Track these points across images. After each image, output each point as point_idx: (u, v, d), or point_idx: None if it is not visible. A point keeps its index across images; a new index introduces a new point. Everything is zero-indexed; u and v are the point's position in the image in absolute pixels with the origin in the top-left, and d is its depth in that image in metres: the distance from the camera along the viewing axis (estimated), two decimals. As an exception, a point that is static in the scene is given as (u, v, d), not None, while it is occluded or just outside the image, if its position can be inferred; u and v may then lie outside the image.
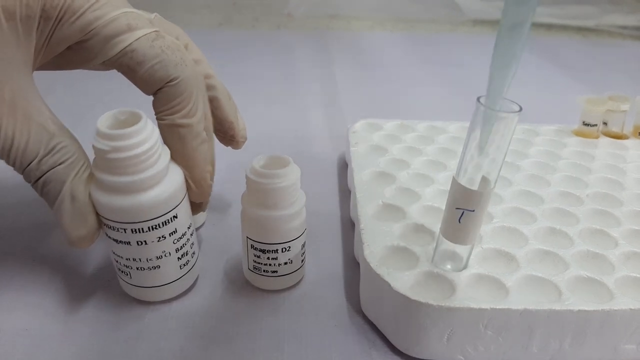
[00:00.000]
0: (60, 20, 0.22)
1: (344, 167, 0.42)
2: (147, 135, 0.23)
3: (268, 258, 0.27)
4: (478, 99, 0.21)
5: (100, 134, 0.22)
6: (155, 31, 0.24)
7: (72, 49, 0.24)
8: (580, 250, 0.27)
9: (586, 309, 0.23)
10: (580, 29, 0.95)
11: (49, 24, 0.22)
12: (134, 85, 0.25)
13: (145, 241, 0.24)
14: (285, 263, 0.27)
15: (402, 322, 0.24)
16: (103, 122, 0.23)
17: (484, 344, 0.24)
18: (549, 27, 0.95)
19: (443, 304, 0.23)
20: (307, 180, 0.38)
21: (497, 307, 0.23)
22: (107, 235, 0.25)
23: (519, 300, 0.23)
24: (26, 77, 0.23)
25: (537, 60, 0.77)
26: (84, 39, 0.23)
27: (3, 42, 0.22)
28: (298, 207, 0.27)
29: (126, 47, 0.23)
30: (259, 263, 0.27)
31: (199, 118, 0.25)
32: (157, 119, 0.25)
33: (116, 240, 0.24)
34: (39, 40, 0.23)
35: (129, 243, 0.24)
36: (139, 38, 0.23)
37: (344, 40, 0.83)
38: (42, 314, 0.26)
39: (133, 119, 0.23)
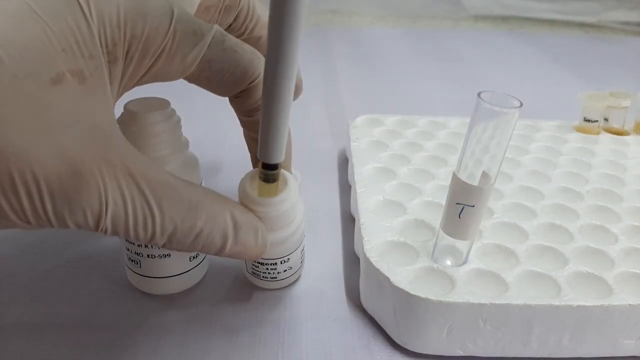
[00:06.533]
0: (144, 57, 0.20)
1: (344, 162, 0.42)
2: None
3: (267, 269, 0.27)
4: (479, 94, 0.21)
5: None
6: (216, 29, 0.22)
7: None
8: (580, 245, 0.27)
9: (585, 304, 0.23)
10: (582, 25, 0.95)
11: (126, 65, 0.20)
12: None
13: None
14: (285, 270, 0.27)
15: (402, 316, 0.24)
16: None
17: (483, 338, 0.24)
18: (551, 22, 0.95)
19: (443, 299, 0.23)
20: (308, 175, 0.38)
21: (497, 302, 0.23)
22: None
23: (519, 295, 0.23)
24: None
25: (539, 56, 0.77)
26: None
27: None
28: (296, 224, 0.25)
29: (201, 59, 0.21)
30: (257, 271, 0.27)
31: None
32: (243, 116, 0.25)
33: None
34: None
35: None
36: (209, 45, 0.21)
37: (345, 36, 0.83)
38: (43, 308, 0.27)
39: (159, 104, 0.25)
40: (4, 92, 0.16)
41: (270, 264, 0.26)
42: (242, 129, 0.27)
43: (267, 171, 0.22)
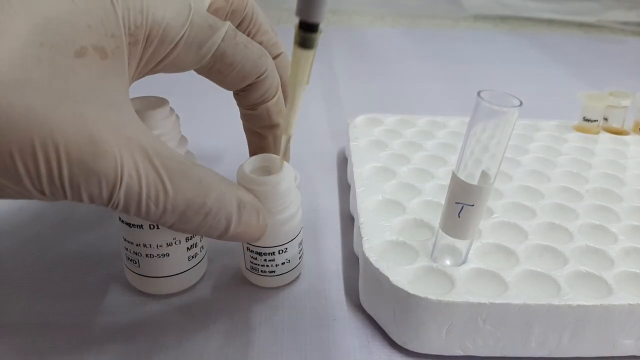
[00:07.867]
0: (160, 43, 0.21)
1: (343, 161, 0.42)
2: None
3: (265, 260, 0.27)
4: (478, 93, 0.21)
5: None
6: (229, 25, 0.23)
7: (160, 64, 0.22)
8: (579, 245, 0.27)
9: (585, 304, 0.23)
10: (581, 25, 0.95)
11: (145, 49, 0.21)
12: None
13: (157, 225, 0.25)
14: (283, 263, 0.27)
15: (401, 316, 0.24)
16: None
17: (482, 338, 0.24)
18: (550, 22, 0.95)
19: (442, 299, 0.23)
20: (307, 174, 0.38)
21: (496, 302, 0.23)
22: (120, 220, 0.25)
23: (518, 295, 0.23)
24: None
25: (538, 56, 0.77)
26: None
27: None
28: (293, 209, 0.26)
29: (215, 51, 0.22)
30: (256, 264, 0.27)
31: (280, 96, 0.27)
32: (246, 109, 0.26)
33: (129, 225, 0.25)
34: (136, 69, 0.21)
35: (141, 227, 0.25)
36: (223, 38, 0.22)
37: (344, 35, 0.83)
38: (41, 307, 0.26)
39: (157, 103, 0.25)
40: (30, 59, 0.16)
41: (268, 254, 0.26)
42: (241, 124, 0.27)
43: (306, 33, 0.20)
